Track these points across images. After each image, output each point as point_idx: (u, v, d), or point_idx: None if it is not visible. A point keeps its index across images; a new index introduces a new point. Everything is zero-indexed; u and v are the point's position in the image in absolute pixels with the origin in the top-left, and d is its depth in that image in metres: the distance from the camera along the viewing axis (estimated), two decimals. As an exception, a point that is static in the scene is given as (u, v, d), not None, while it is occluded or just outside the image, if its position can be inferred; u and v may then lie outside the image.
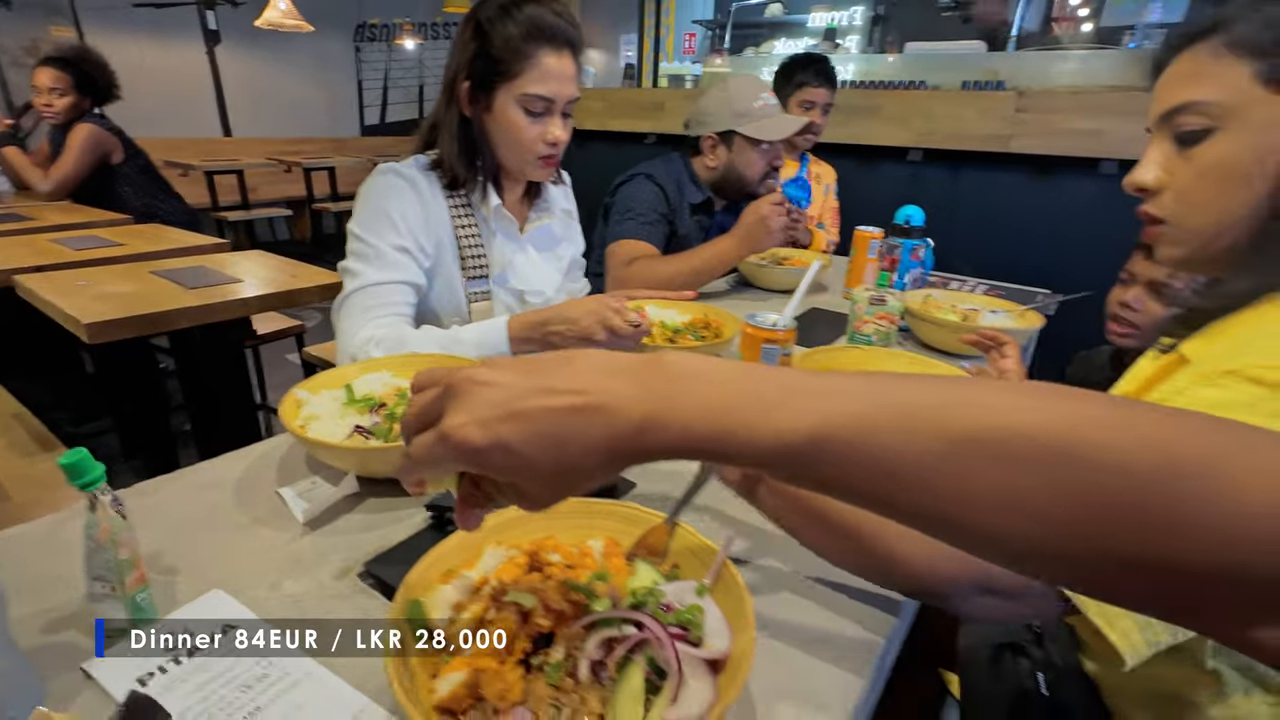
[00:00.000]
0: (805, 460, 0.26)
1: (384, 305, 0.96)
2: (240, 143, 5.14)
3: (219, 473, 0.71)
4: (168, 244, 1.99)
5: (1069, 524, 0.23)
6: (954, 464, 0.24)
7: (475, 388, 0.31)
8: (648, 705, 0.39)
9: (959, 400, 0.25)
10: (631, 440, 0.29)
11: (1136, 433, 0.23)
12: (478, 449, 0.30)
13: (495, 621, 0.42)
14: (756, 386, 0.28)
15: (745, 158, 1.48)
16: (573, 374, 0.30)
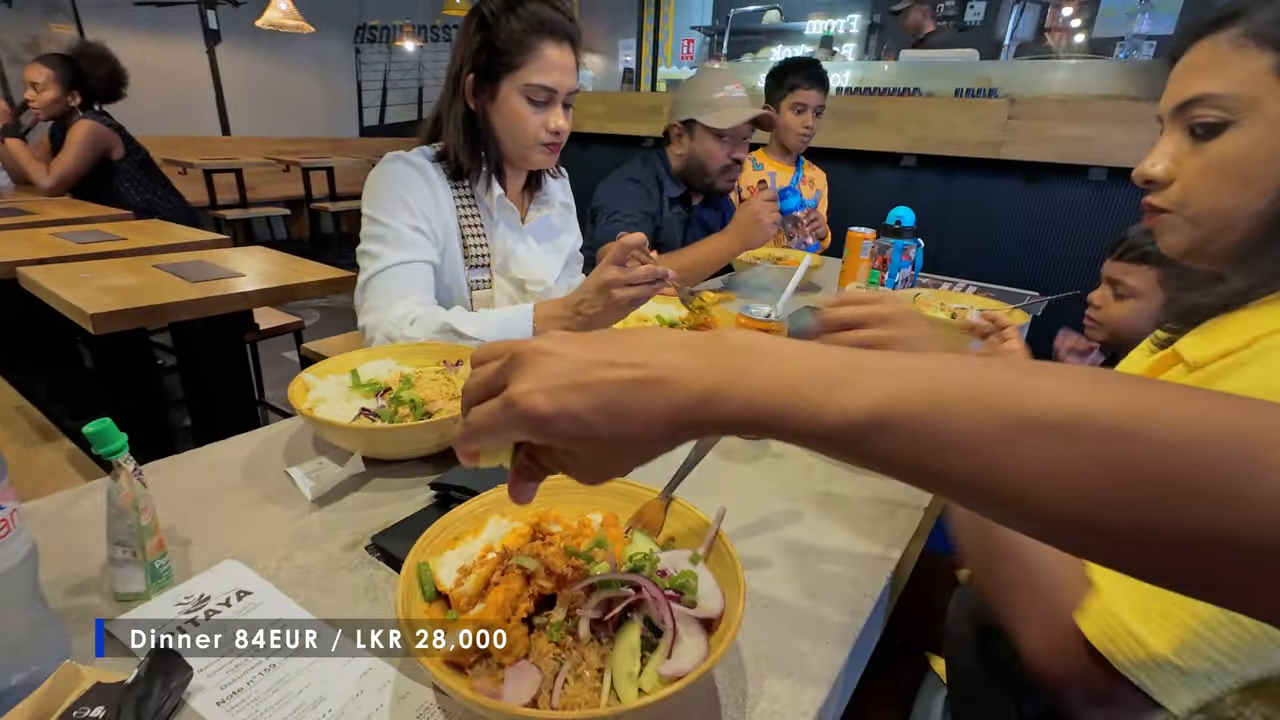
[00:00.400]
0: (868, 436, 0.27)
1: (411, 284, 0.98)
2: (239, 142, 5.15)
3: (227, 454, 0.73)
4: (169, 239, 2.00)
5: (1124, 501, 0.23)
6: (1015, 442, 0.25)
7: (541, 358, 0.31)
8: (644, 660, 0.41)
9: (1018, 382, 0.26)
10: (694, 412, 0.29)
11: (1190, 412, 0.23)
12: (544, 416, 0.30)
13: (500, 583, 0.44)
14: (821, 363, 0.28)
15: (705, 147, 1.52)
16: (634, 347, 0.31)
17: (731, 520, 0.64)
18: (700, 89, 1.54)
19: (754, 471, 0.75)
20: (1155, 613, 0.42)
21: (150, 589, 0.50)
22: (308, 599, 0.52)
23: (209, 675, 0.44)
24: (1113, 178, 2.33)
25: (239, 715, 0.41)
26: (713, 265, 1.44)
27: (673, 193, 1.60)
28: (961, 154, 2.62)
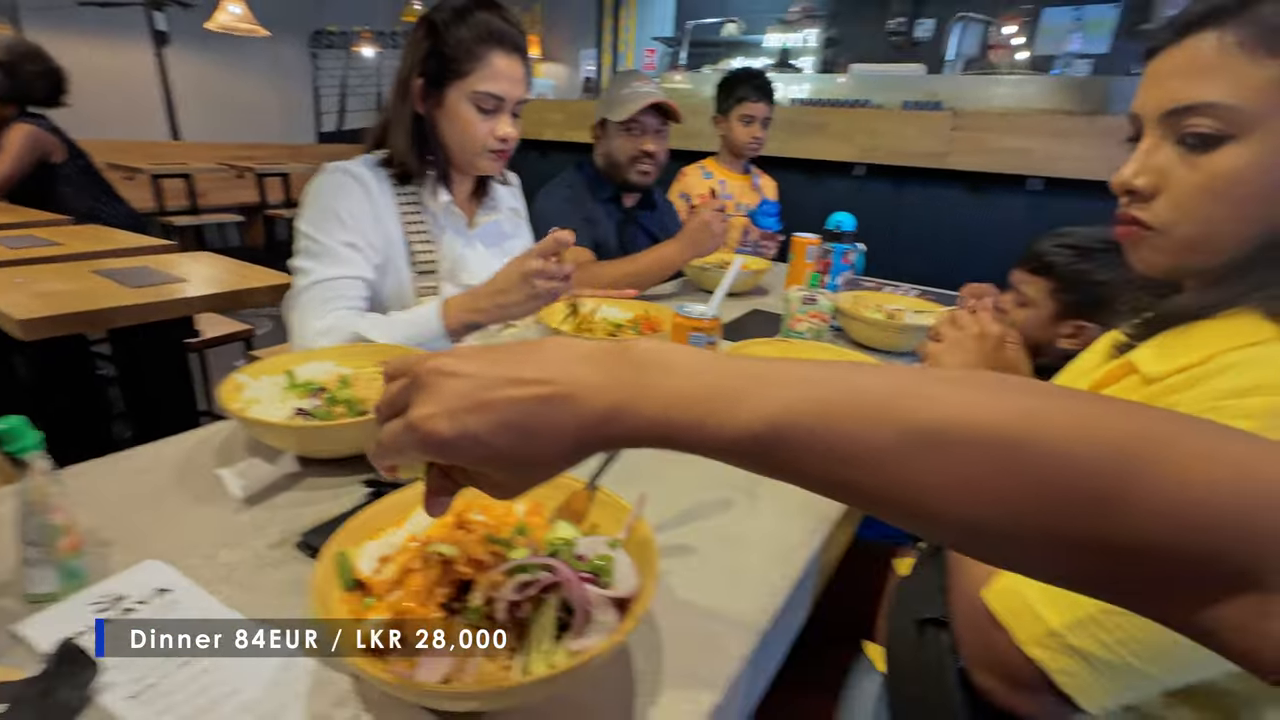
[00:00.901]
0: (767, 448, 0.27)
1: (336, 299, 0.99)
2: (189, 147, 5.02)
3: (156, 456, 0.72)
4: (110, 244, 1.95)
5: (1018, 510, 0.24)
6: (908, 453, 0.25)
7: (441, 379, 0.31)
8: (558, 640, 0.43)
9: (914, 391, 0.26)
10: (598, 429, 0.29)
11: (1083, 422, 0.24)
12: (444, 440, 0.30)
13: (418, 570, 0.45)
14: (721, 378, 0.28)
15: (615, 142, 1.59)
16: (540, 363, 0.30)
17: (662, 510, 0.66)
18: (611, 89, 1.62)
19: (688, 465, 0.77)
20: (1058, 593, 0.43)
21: (63, 589, 0.49)
22: (230, 596, 0.51)
23: (121, 671, 0.44)
24: (1049, 188, 2.45)
25: (151, 709, 0.41)
26: (663, 272, 1.47)
27: (604, 194, 1.66)
28: (909, 164, 2.72)
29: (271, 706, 0.42)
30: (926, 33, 5.01)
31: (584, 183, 1.66)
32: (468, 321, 0.96)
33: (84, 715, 0.41)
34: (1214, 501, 0.22)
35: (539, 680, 0.38)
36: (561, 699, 0.44)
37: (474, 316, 0.96)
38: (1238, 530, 0.22)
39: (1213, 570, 0.23)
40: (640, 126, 1.57)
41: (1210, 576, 0.23)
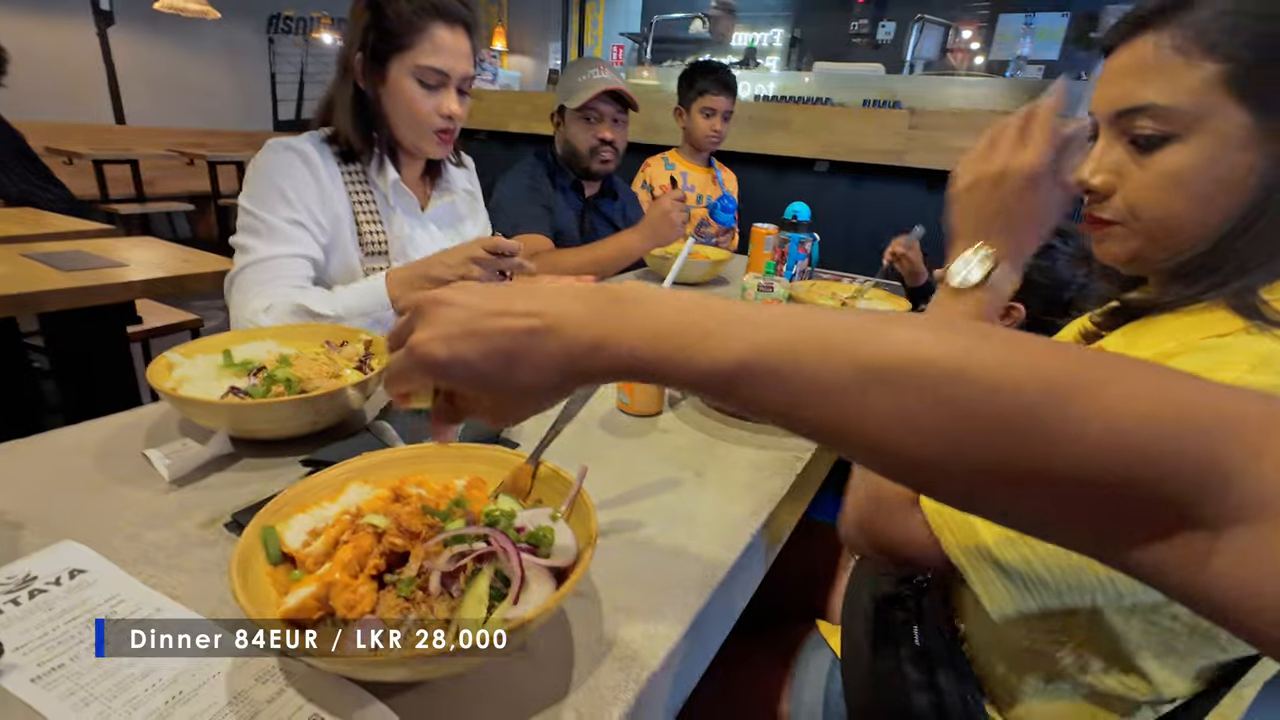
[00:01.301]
0: (733, 383, 0.29)
1: (278, 278, 0.95)
2: (136, 132, 4.81)
3: (79, 438, 0.68)
4: (44, 229, 1.85)
5: (956, 443, 0.25)
6: (858, 388, 0.26)
7: (440, 308, 0.34)
8: (492, 609, 0.42)
9: (868, 332, 0.27)
10: (582, 359, 0.32)
11: (1020, 360, 0.25)
12: (439, 362, 0.33)
13: (349, 542, 0.44)
14: (695, 314, 0.30)
15: (573, 130, 1.59)
16: (531, 297, 0.33)
17: (611, 489, 0.66)
18: (568, 76, 1.61)
19: (639, 446, 0.77)
20: None
21: (-33, 571, 0.46)
22: (153, 576, 0.49)
23: (25, 654, 0.41)
24: (1001, 186, 2.52)
25: (55, 691, 0.39)
26: (623, 260, 1.47)
27: (564, 182, 1.65)
28: (868, 160, 2.77)
29: (189, 686, 0.40)
30: (888, 35, 5.11)
31: (544, 171, 1.65)
32: (409, 288, 0.95)
33: (-19, 698, 0.38)
34: (1145, 433, 0.23)
35: (470, 647, 0.37)
36: (497, 669, 0.43)
37: (414, 284, 0.94)
38: (1171, 462, 0.23)
39: (1148, 504, 0.23)
40: (598, 114, 1.56)
41: (1146, 511, 0.23)
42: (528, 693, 0.42)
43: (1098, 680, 0.54)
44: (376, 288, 0.96)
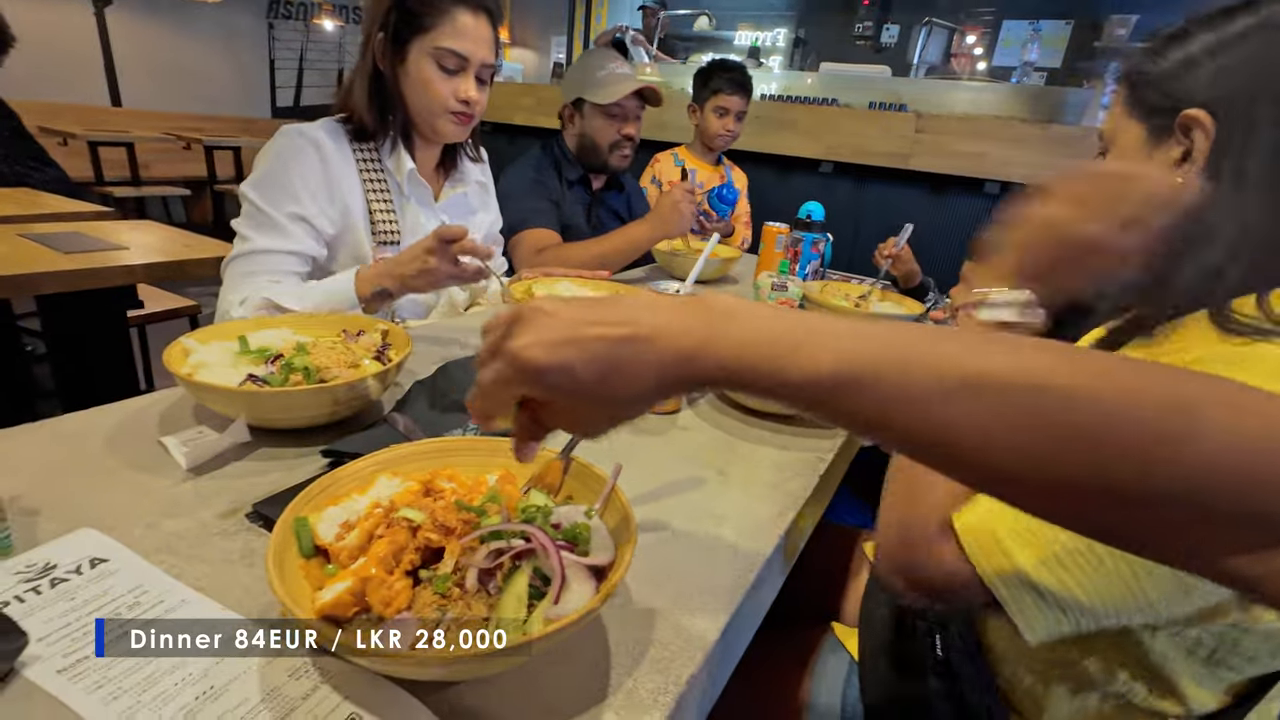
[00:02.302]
0: (825, 394, 0.30)
1: (260, 273, 0.95)
2: (132, 114, 4.74)
3: (92, 422, 0.67)
4: (41, 209, 1.82)
5: (1056, 456, 0.26)
6: (958, 398, 0.27)
7: (541, 316, 0.34)
8: (532, 608, 0.41)
9: (967, 344, 0.28)
10: (679, 368, 0.32)
11: (1131, 379, 0.26)
12: (541, 368, 0.33)
13: (384, 536, 0.43)
14: (788, 327, 0.31)
15: (594, 124, 1.57)
16: (626, 308, 0.34)
17: (635, 487, 0.65)
18: (585, 69, 1.58)
19: (660, 444, 0.76)
20: (1024, 529, 0.46)
21: (-15, 558, 0.45)
22: (175, 566, 0.48)
23: (50, 644, 0.40)
24: (1004, 191, 2.53)
25: (82, 684, 0.38)
26: (632, 253, 1.46)
27: (571, 175, 1.63)
28: (874, 163, 2.77)
29: (220, 681, 0.39)
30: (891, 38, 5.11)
31: (549, 165, 1.63)
32: (375, 286, 0.93)
33: (8, 689, 0.37)
34: (1258, 457, 0.23)
35: (511, 648, 0.37)
36: (536, 670, 0.42)
37: (380, 280, 0.93)
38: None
39: (1259, 520, 0.24)
40: (623, 110, 1.55)
41: (1256, 527, 0.24)
42: (566, 694, 0.41)
43: (1125, 689, 0.54)
44: (344, 285, 0.94)
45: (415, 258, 0.90)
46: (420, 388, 0.76)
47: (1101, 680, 0.54)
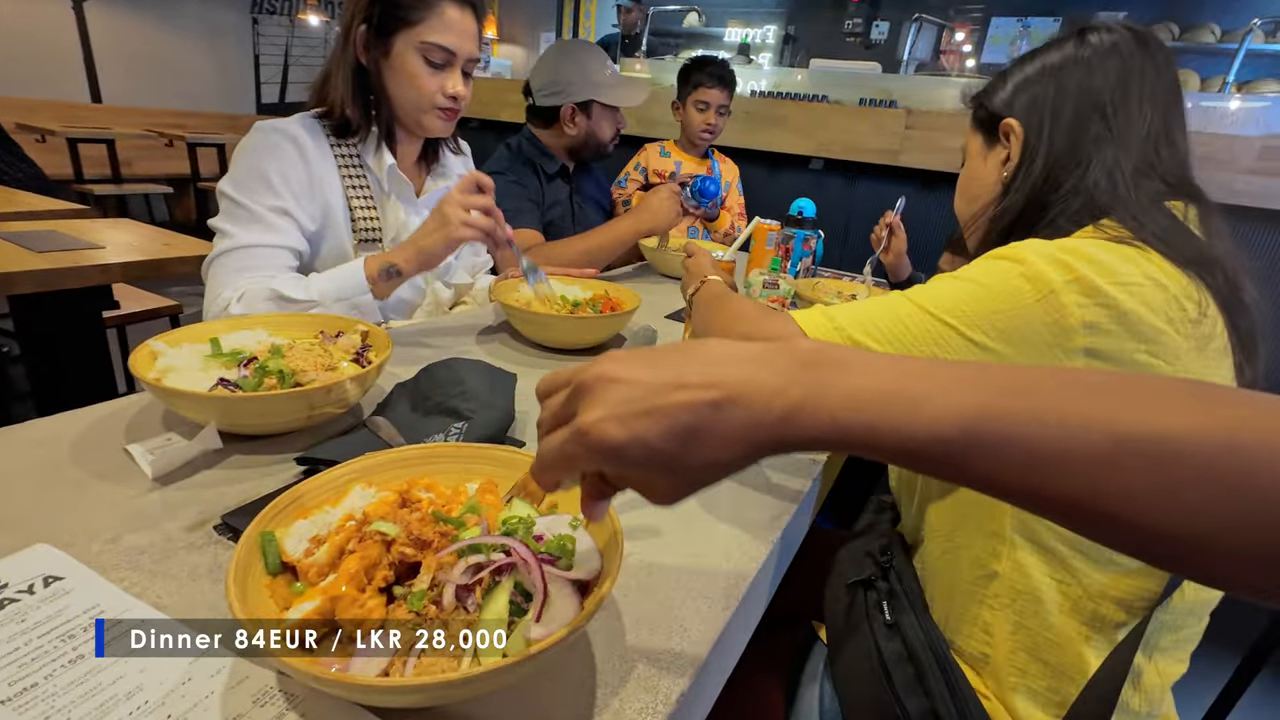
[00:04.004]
0: (960, 451, 0.26)
1: (253, 269, 0.91)
2: (113, 110, 4.66)
3: (55, 429, 0.64)
4: (15, 207, 1.77)
5: (1225, 520, 0.23)
6: (1118, 461, 0.24)
7: (609, 385, 0.31)
8: (512, 626, 0.39)
9: (1125, 399, 0.25)
10: (773, 429, 0.29)
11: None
12: (616, 445, 0.30)
13: (356, 551, 0.41)
14: (903, 377, 0.28)
15: (602, 123, 1.60)
16: (704, 366, 0.30)
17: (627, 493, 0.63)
18: (590, 71, 1.57)
19: (650, 446, 0.74)
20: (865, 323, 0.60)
21: (-72, 577, 0.42)
22: (136, 583, 0.45)
23: (-4, 671, 0.37)
24: (995, 188, 2.53)
25: (27, 715, 0.35)
26: (616, 248, 1.44)
27: (550, 169, 1.63)
28: (864, 159, 2.76)
29: (180, 708, 0.37)
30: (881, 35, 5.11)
31: (522, 162, 1.61)
32: (382, 264, 0.91)
33: (-56, 723, 0.34)
34: None
35: (489, 671, 0.34)
36: (518, 690, 0.40)
37: (391, 256, 0.92)
38: None
39: None
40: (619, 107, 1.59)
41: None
42: (549, 716, 0.39)
43: (1035, 582, 0.58)
44: (354, 272, 0.92)
45: (433, 218, 0.91)
46: (402, 390, 0.73)
47: (1015, 576, 0.59)
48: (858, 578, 0.69)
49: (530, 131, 1.64)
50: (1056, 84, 0.65)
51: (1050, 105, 0.65)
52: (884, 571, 0.68)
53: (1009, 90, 0.69)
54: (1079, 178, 0.62)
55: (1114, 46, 0.63)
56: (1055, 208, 0.63)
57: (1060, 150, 0.64)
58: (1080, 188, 0.62)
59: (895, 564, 0.69)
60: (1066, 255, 0.53)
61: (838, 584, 0.73)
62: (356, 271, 0.91)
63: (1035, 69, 0.68)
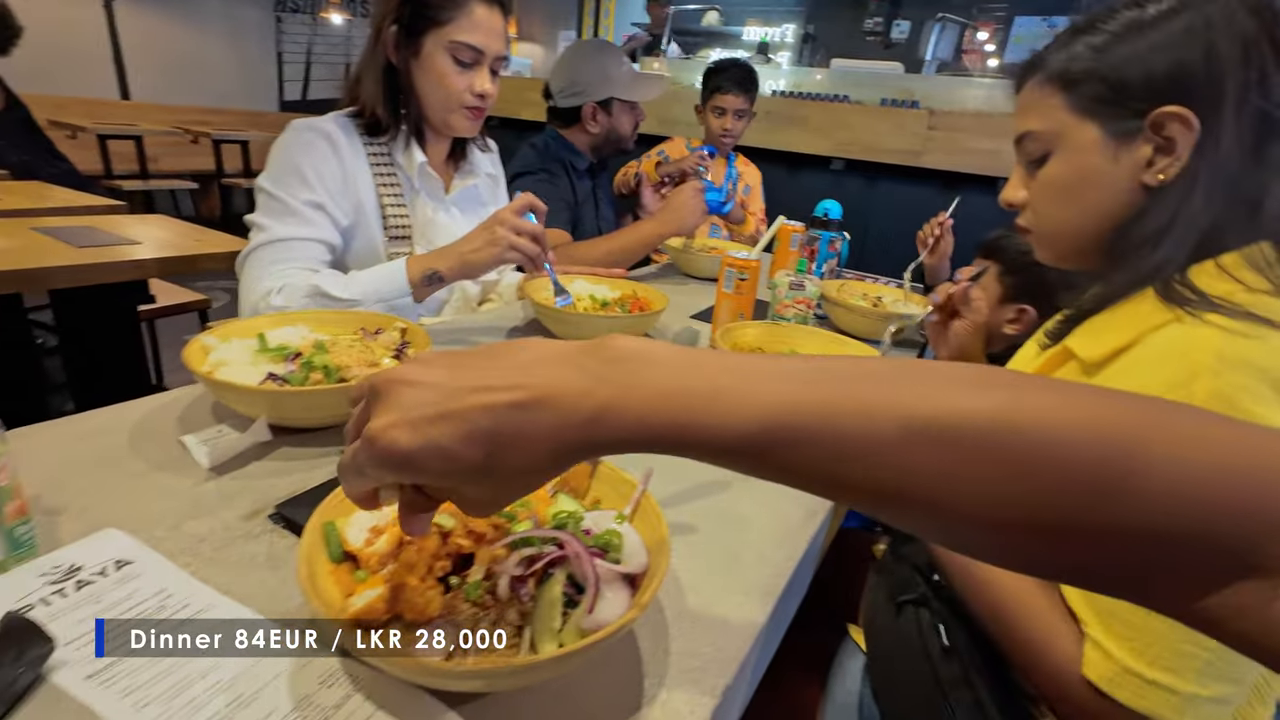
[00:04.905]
0: (765, 447, 0.26)
1: (290, 260, 0.93)
2: (140, 107, 4.74)
3: (110, 420, 0.66)
4: (53, 202, 1.81)
5: (1017, 500, 0.24)
6: (910, 447, 0.24)
7: (401, 388, 0.28)
8: (565, 617, 0.40)
9: (912, 386, 0.25)
10: (581, 432, 0.27)
11: (1071, 411, 0.24)
12: (406, 453, 0.27)
13: (414, 542, 0.42)
14: (710, 373, 0.27)
15: (623, 120, 1.63)
16: (510, 367, 0.28)
17: (659, 489, 0.63)
18: (605, 68, 1.60)
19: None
20: (1156, 652, 0.46)
21: (8, 559, 0.44)
22: (199, 569, 0.47)
23: (76, 649, 0.39)
24: (1018, 189, 2.51)
25: (112, 690, 0.37)
26: (640, 250, 1.45)
27: (580, 166, 1.66)
28: (886, 160, 2.75)
29: (249, 688, 0.38)
30: (902, 34, 5.07)
31: (556, 163, 1.63)
32: (428, 269, 0.93)
33: (35, 695, 0.36)
34: (1212, 482, 0.22)
35: (551, 659, 0.36)
36: (569, 680, 0.42)
37: (434, 262, 0.93)
38: (1236, 510, 0.22)
39: (1214, 553, 0.23)
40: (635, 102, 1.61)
41: (1211, 560, 0.23)
42: (599, 706, 0.40)
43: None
44: (395, 272, 0.93)
45: (480, 231, 0.92)
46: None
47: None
48: (908, 596, 0.67)
49: (555, 131, 1.66)
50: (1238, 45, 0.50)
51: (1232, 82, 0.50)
52: (935, 589, 0.66)
53: (1147, 61, 0.53)
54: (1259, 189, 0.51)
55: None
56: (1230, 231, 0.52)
57: (1247, 150, 0.51)
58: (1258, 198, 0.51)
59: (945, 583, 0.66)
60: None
61: (879, 595, 0.71)
62: (398, 274, 0.92)
63: (1180, 27, 0.52)
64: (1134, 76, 0.54)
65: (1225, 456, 0.23)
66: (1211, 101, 0.51)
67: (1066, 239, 0.64)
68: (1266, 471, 0.23)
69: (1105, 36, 0.56)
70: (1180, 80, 0.52)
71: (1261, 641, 0.23)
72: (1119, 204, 0.58)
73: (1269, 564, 0.22)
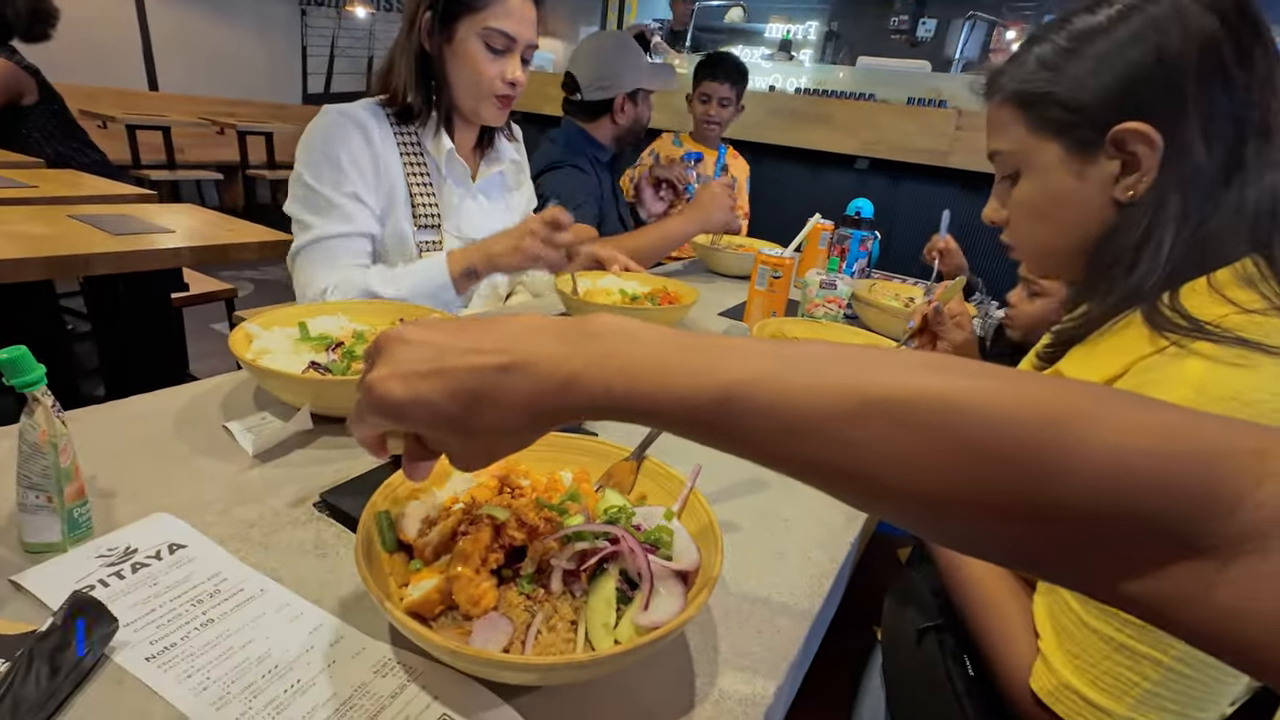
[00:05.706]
0: (717, 417, 0.27)
1: (339, 258, 0.96)
2: (168, 98, 4.80)
3: (156, 405, 0.67)
4: (88, 191, 1.84)
5: (953, 478, 0.24)
6: (853, 423, 0.25)
7: (400, 345, 0.31)
8: (619, 612, 0.40)
9: (861, 364, 0.27)
10: (554, 397, 0.29)
11: (1016, 392, 0.25)
12: (397, 402, 0.30)
13: (469, 534, 0.42)
14: (677, 350, 0.28)
15: (644, 109, 1.65)
16: (500, 333, 0.31)
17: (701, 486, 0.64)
18: (631, 60, 1.60)
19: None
20: (1098, 672, 0.45)
21: (67, 540, 0.45)
22: (249, 554, 0.48)
23: (136, 630, 0.40)
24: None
25: (172, 671, 0.38)
26: (665, 248, 1.44)
27: (604, 158, 1.67)
28: (912, 160, 2.72)
29: (306, 674, 0.39)
30: (928, 32, 5.00)
31: (583, 156, 1.62)
32: (464, 266, 0.96)
33: (99, 674, 0.37)
34: (1144, 463, 0.23)
35: (610, 655, 0.36)
36: (623, 675, 0.41)
37: (467, 259, 0.96)
38: (1172, 488, 0.23)
39: (1150, 532, 0.23)
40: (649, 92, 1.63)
41: (1147, 539, 0.23)
42: (653, 702, 0.40)
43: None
44: (437, 268, 0.95)
45: (509, 234, 0.94)
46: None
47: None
48: (927, 624, 0.65)
49: (575, 125, 1.65)
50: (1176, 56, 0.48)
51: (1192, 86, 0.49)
52: (958, 621, 0.62)
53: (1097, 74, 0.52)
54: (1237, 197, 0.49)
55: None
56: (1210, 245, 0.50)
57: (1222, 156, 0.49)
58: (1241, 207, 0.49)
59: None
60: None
61: (899, 619, 0.70)
62: (441, 270, 0.94)
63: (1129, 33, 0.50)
64: (1088, 95, 0.52)
65: (1164, 438, 0.23)
66: (1172, 110, 0.49)
67: (1049, 256, 0.62)
68: (1203, 454, 0.23)
69: (1057, 50, 0.54)
70: (1134, 92, 0.51)
71: (1202, 627, 0.23)
72: (1093, 220, 0.56)
73: (1204, 543, 0.22)
